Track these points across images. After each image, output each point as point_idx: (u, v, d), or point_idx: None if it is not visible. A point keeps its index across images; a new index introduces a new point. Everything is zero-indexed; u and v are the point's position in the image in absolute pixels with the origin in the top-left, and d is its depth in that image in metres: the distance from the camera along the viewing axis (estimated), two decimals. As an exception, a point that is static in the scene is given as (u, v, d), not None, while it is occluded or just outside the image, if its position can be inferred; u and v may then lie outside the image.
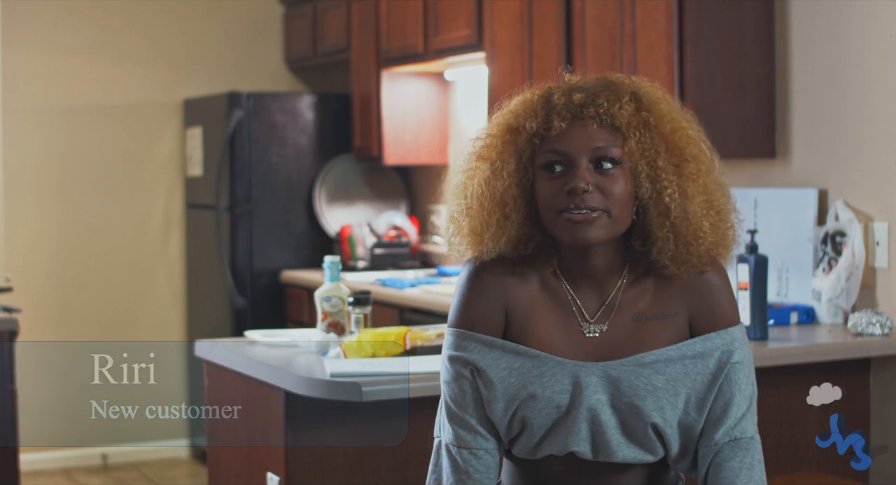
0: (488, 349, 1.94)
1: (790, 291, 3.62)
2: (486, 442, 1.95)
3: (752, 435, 1.94)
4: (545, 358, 1.91)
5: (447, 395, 1.98)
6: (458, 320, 1.97)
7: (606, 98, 1.89)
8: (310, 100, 5.79)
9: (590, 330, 1.94)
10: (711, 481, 1.92)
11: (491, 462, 1.96)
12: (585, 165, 1.87)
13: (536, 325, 1.94)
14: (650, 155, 1.89)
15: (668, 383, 1.90)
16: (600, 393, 1.90)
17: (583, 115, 1.88)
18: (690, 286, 1.95)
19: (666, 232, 1.89)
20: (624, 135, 1.88)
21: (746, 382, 1.94)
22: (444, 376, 1.99)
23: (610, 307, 1.94)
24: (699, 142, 1.94)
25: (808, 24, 3.67)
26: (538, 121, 1.90)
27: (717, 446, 1.92)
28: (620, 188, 1.87)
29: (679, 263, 1.91)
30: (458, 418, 1.95)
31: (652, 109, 1.91)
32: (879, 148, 3.46)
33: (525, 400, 1.91)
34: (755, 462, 1.93)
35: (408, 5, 5.19)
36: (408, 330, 3.04)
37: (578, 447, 1.91)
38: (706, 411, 1.92)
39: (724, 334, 1.93)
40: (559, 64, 4.13)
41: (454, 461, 1.96)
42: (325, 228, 5.78)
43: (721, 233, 1.93)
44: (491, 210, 1.93)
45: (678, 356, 1.91)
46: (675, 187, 1.89)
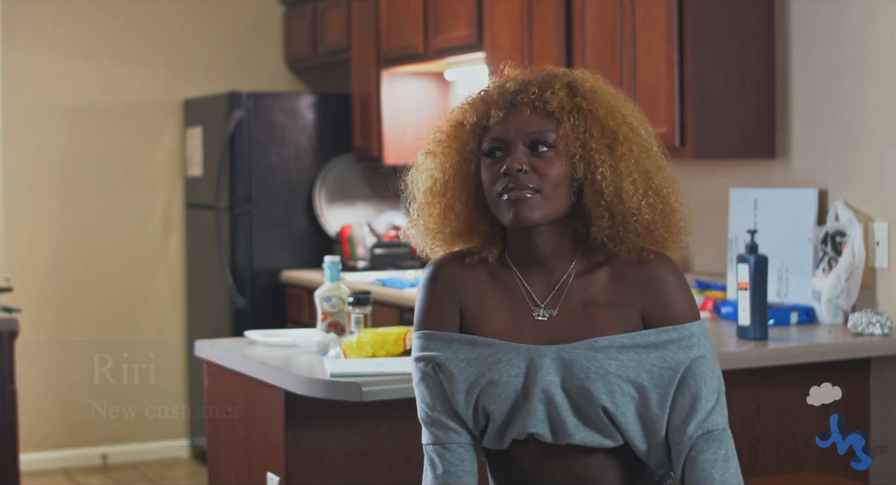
0: (447, 344, 2.01)
1: (790, 291, 3.62)
2: (458, 436, 2.01)
3: (723, 427, 1.97)
4: (500, 345, 1.98)
5: (418, 397, 2.04)
6: (420, 323, 2.06)
7: (538, 85, 1.99)
8: (310, 100, 5.79)
9: (540, 314, 1.99)
10: (688, 474, 1.95)
11: (465, 455, 2.01)
12: (521, 148, 1.96)
13: (488, 315, 2.01)
14: (583, 137, 1.96)
15: (619, 369, 1.93)
16: (553, 375, 1.95)
17: (517, 102, 1.99)
18: (643, 282, 1.99)
19: (601, 210, 1.96)
20: (558, 119, 1.97)
21: (712, 375, 1.97)
22: (413, 379, 2.06)
23: (560, 292, 2.00)
24: (637, 126, 2.00)
25: (808, 24, 3.67)
26: (478, 113, 2.02)
27: (691, 440, 1.94)
28: (555, 170, 1.95)
29: (616, 240, 1.97)
30: (430, 418, 2.02)
31: (586, 95, 1.99)
32: (879, 148, 3.46)
33: (485, 387, 1.96)
34: (729, 454, 1.96)
35: (408, 5, 5.19)
36: (408, 330, 3.04)
37: (537, 429, 1.95)
38: (668, 406, 1.95)
39: (681, 329, 1.97)
40: (559, 64, 4.13)
41: (432, 461, 2.02)
42: (325, 228, 5.78)
43: (660, 212, 1.98)
44: (435, 201, 2.05)
45: (631, 344, 1.95)
46: (608, 166, 1.95)
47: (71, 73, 5.89)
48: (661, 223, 1.99)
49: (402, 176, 2.14)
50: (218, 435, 3.33)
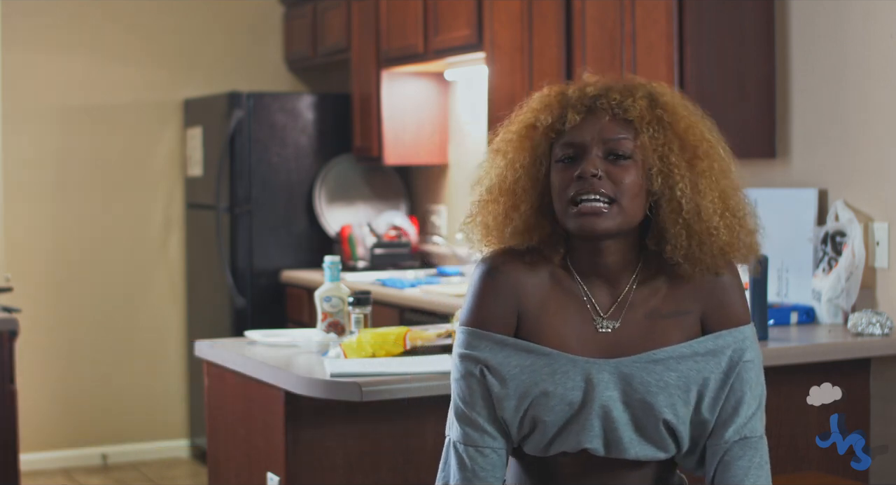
0: (500, 348, 1.95)
1: (790, 291, 3.62)
2: (494, 441, 1.96)
3: (760, 434, 1.95)
4: (557, 356, 1.92)
5: (456, 393, 1.98)
6: (471, 319, 1.98)
7: (619, 92, 1.94)
8: (310, 100, 5.79)
9: (603, 326, 1.95)
10: (720, 479, 1.93)
11: (497, 461, 1.96)
12: (597, 153, 1.91)
13: (549, 322, 1.95)
14: (662, 150, 1.91)
15: (679, 380, 1.91)
16: (612, 390, 1.91)
17: (595, 108, 1.92)
18: (703, 285, 1.96)
19: (679, 229, 1.91)
20: (637, 129, 1.91)
21: (757, 381, 1.95)
22: (453, 373, 1.99)
23: (622, 304, 1.96)
24: (715, 144, 1.96)
25: (808, 24, 3.67)
26: (554, 115, 1.95)
27: (727, 445, 1.93)
28: (631, 179, 1.90)
29: (693, 261, 1.93)
30: (466, 417, 1.96)
31: (667, 108, 1.94)
32: (879, 148, 3.46)
33: (537, 397, 1.91)
34: (763, 462, 1.94)
35: (408, 5, 5.19)
36: (408, 330, 3.04)
37: (591, 444, 1.92)
38: (718, 409, 1.93)
39: (736, 333, 1.95)
40: (559, 64, 4.13)
41: (461, 459, 1.96)
42: (325, 228, 5.78)
43: (736, 235, 1.94)
44: (501, 200, 1.97)
45: (690, 353, 1.92)
46: (687, 182, 1.91)
47: (71, 73, 5.89)
48: (737, 246, 1.95)
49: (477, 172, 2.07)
50: (218, 435, 3.33)
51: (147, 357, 5.94)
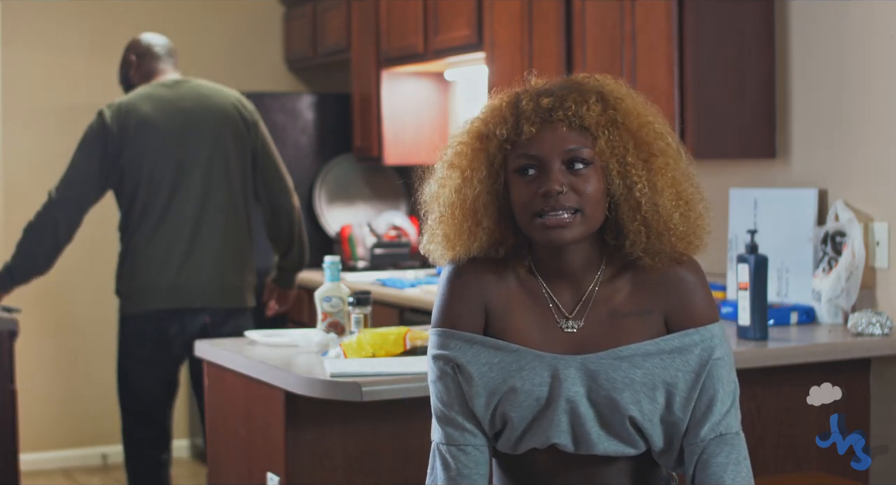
0: (469, 346, 1.97)
1: (790, 291, 3.62)
2: (474, 438, 1.98)
3: (736, 431, 1.97)
4: (524, 352, 1.95)
5: (434, 394, 2.01)
6: (440, 320, 2.01)
7: (574, 100, 1.93)
8: (310, 100, 5.79)
9: (568, 326, 1.97)
10: (699, 477, 1.94)
11: (480, 458, 1.98)
12: (558, 166, 1.91)
13: (514, 321, 1.98)
14: (619, 152, 1.92)
15: (645, 377, 1.92)
16: (578, 385, 1.93)
17: (552, 119, 1.92)
18: (665, 284, 1.97)
19: (637, 225, 1.93)
20: (593, 135, 1.92)
21: (728, 378, 1.97)
22: (430, 376, 2.02)
23: (586, 303, 1.98)
24: (665, 135, 1.97)
25: (808, 24, 3.67)
26: (508, 127, 1.94)
27: (704, 443, 1.94)
28: (593, 187, 1.91)
29: (652, 254, 1.95)
30: (445, 417, 1.99)
31: (618, 107, 1.94)
32: (879, 148, 3.46)
33: (505, 394, 1.94)
34: (741, 458, 1.96)
35: (408, 5, 5.19)
36: (408, 330, 3.04)
37: (560, 440, 1.94)
38: (690, 408, 1.94)
39: (703, 331, 1.96)
40: (559, 64, 4.13)
41: (444, 460, 1.99)
42: (325, 228, 5.78)
43: (692, 222, 1.97)
44: (463, 218, 1.97)
45: (656, 351, 1.94)
46: (645, 181, 1.92)
47: (71, 73, 5.89)
48: (692, 231, 1.97)
49: (416, 185, 2.08)
50: (218, 435, 3.33)
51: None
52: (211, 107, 4.25)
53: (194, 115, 4.20)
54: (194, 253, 4.11)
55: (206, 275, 4.11)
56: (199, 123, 4.20)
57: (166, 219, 4.13)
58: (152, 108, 4.20)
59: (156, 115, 4.18)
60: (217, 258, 4.14)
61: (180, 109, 4.20)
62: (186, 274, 4.10)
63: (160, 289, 4.10)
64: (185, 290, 4.09)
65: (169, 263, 4.11)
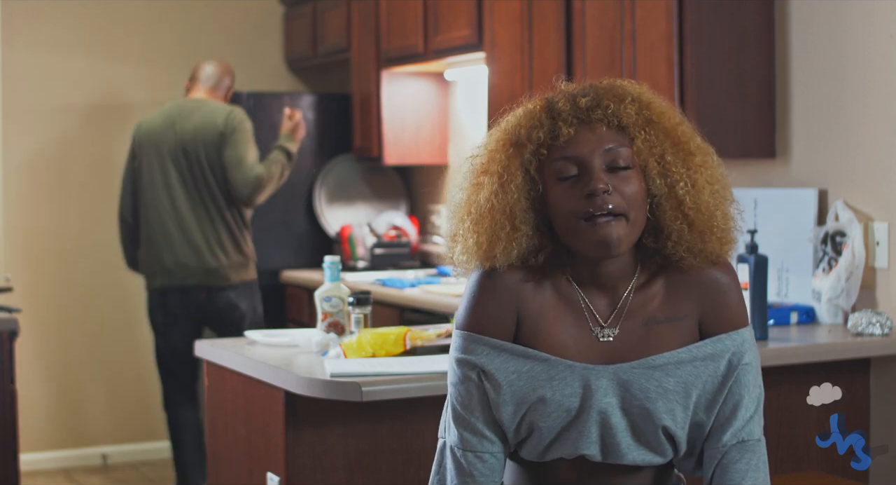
0: (496, 353, 1.92)
1: (790, 291, 3.62)
2: (492, 445, 1.94)
3: (758, 437, 1.94)
4: (555, 362, 1.91)
5: (454, 397, 1.96)
6: (467, 323, 1.95)
7: (611, 100, 1.90)
8: (310, 100, 5.79)
9: (603, 334, 1.93)
10: (717, 482, 1.92)
11: (496, 466, 1.95)
12: (600, 166, 1.88)
13: (548, 329, 1.93)
14: (658, 151, 1.90)
15: (678, 386, 1.90)
16: (611, 396, 1.90)
17: (590, 119, 1.89)
18: (700, 286, 1.95)
19: (680, 224, 1.90)
20: (631, 135, 1.89)
21: (754, 384, 1.94)
22: (451, 377, 1.97)
23: (621, 310, 1.94)
24: (696, 136, 1.96)
25: (808, 24, 3.67)
26: (544, 130, 1.90)
27: (725, 448, 1.92)
28: (635, 188, 1.88)
29: (695, 253, 1.92)
30: (464, 421, 1.94)
31: (652, 108, 1.93)
32: (879, 148, 3.46)
33: (534, 404, 1.90)
34: (760, 464, 1.94)
35: (408, 5, 5.19)
36: (408, 330, 3.04)
37: (588, 451, 1.91)
38: (715, 411, 1.92)
39: (735, 336, 1.94)
40: (559, 64, 4.13)
41: (459, 464, 1.95)
42: (325, 228, 5.78)
43: (729, 221, 1.95)
44: (501, 224, 1.91)
45: (689, 358, 1.91)
46: (686, 179, 1.90)
47: (71, 72, 5.89)
48: (729, 231, 1.95)
49: (448, 190, 2.02)
50: (218, 435, 3.33)
51: (147, 357, 5.93)
52: (200, 117, 4.95)
53: (185, 127, 4.95)
54: (183, 243, 4.93)
55: (193, 260, 4.92)
56: (184, 133, 4.94)
57: (163, 217, 4.97)
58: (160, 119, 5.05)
59: (158, 124, 5.03)
60: (198, 246, 4.92)
61: (174, 121, 4.98)
62: (180, 259, 4.92)
63: (160, 271, 4.97)
64: (177, 272, 4.93)
65: (168, 250, 4.96)
